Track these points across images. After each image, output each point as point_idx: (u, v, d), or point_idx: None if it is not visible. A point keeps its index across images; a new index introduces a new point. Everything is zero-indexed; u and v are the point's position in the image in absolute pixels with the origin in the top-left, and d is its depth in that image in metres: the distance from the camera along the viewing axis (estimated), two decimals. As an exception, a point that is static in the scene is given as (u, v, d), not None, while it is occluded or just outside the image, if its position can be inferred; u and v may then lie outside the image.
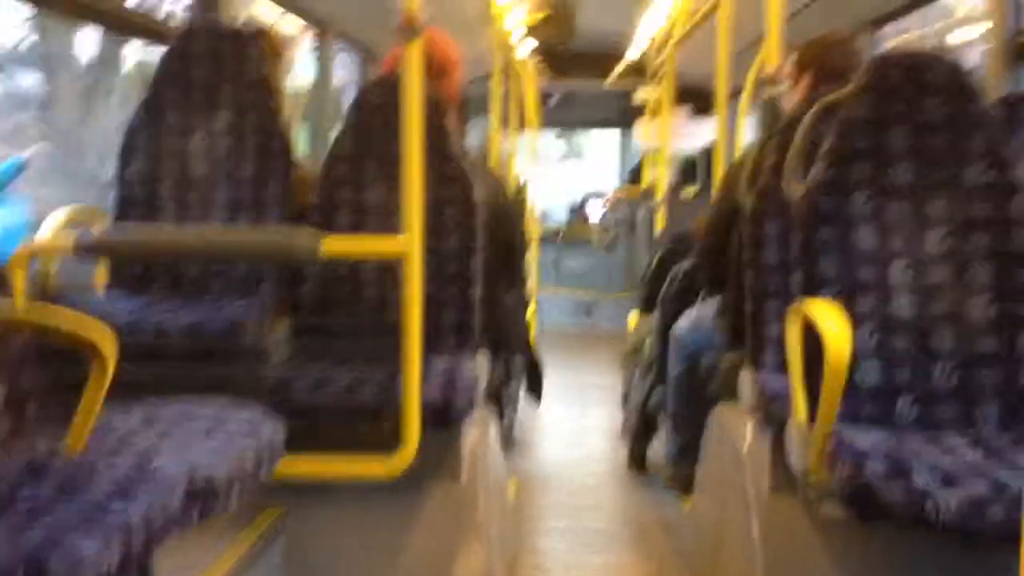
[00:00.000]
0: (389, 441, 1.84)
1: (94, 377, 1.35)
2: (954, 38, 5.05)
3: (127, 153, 2.37)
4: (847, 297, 1.84)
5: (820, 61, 2.63)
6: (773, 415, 1.99)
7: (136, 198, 2.36)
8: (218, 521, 1.42)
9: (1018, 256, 1.83)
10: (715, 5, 3.85)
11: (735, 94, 5.36)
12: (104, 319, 1.43)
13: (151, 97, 2.40)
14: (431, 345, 2.17)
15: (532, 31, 5.80)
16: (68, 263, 2.25)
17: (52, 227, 2.20)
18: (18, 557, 1.02)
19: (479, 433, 2.23)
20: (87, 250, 1.86)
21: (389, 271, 2.27)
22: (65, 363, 1.44)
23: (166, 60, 2.41)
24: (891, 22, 4.51)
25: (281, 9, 4.25)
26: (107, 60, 5.17)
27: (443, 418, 1.98)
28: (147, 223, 2.33)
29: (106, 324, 1.36)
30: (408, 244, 1.81)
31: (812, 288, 1.86)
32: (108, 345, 1.32)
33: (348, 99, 3.08)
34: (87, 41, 4.76)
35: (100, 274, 2.39)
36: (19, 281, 1.83)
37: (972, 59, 4.36)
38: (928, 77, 1.91)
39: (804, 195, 1.92)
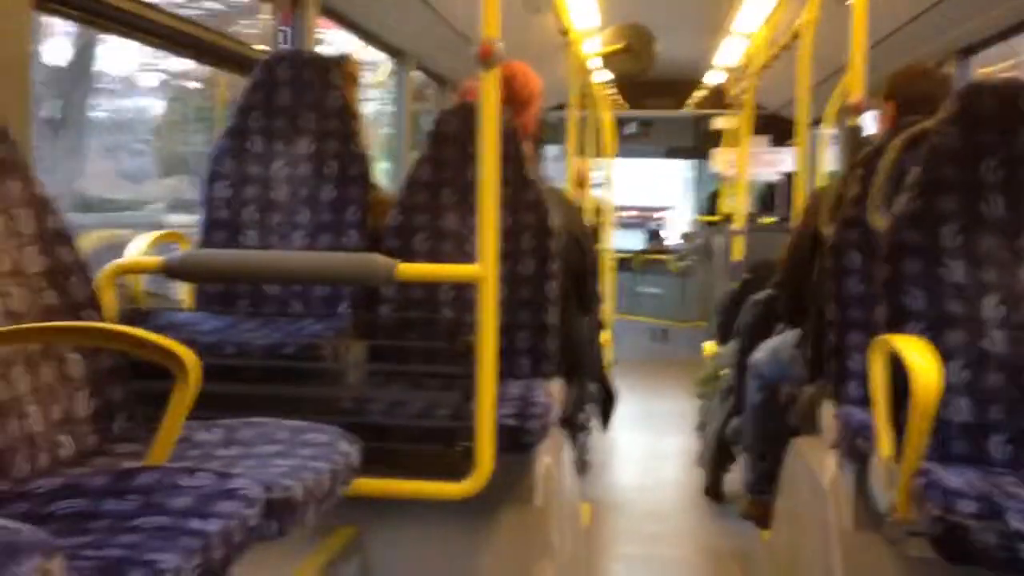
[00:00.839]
0: (463, 463, 1.84)
1: (178, 393, 1.38)
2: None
3: (213, 178, 2.44)
4: (936, 331, 1.78)
5: (904, 90, 2.58)
6: (856, 450, 1.93)
7: (220, 221, 2.42)
8: (295, 538, 1.43)
9: None
10: (795, 34, 3.80)
11: (815, 123, 5.29)
12: (188, 337, 1.46)
13: (236, 123, 2.47)
14: (506, 369, 2.17)
15: (609, 62, 5.81)
16: (156, 282, 2.32)
17: (140, 248, 2.27)
18: (99, 570, 1.04)
19: (552, 457, 2.22)
20: (174, 270, 1.91)
21: (465, 295, 2.29)
22: (152, 379, 1.48)
23: (250, 88, 2.48)
24: (979, 51, 4.40)
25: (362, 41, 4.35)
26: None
27: (517, 442, 1.98)
28: (231, 245, 2.39)
29: (189, 342, 1.40)
30: (483, 270, 1.82)
31: (898, 321, 1.81)
32: (192, 363, 1.35)
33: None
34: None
35: (185, 293, 2.45)
36: (109, 299, 1.89)
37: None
38: (1021, 106, 1.85)
39: (890, 226, 1.87)
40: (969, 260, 1.81)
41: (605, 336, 4.39)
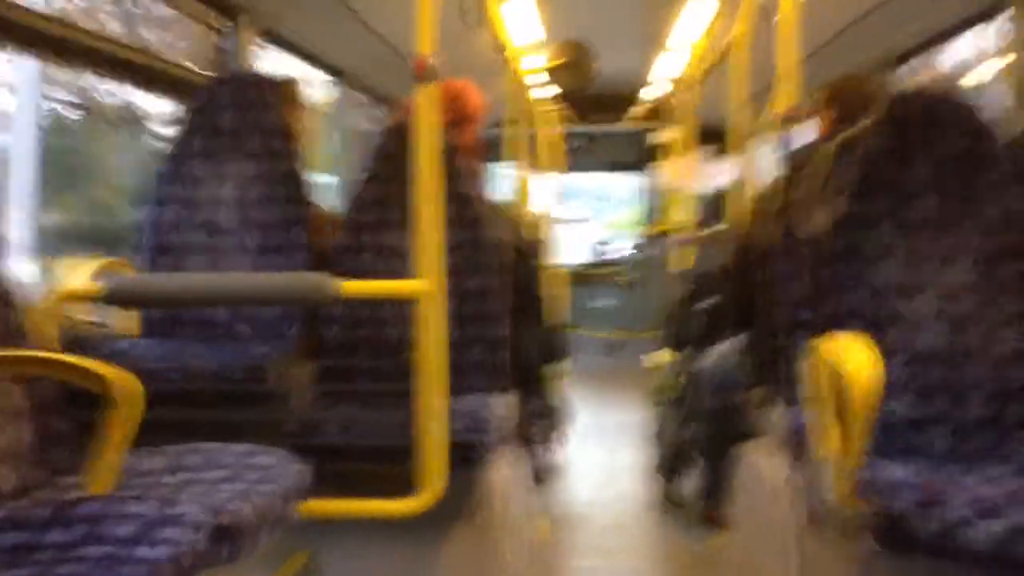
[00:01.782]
0: (415, 481, 1.83)
1: (119, 421, 1.35)
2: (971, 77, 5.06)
3: (154, 202, 2.41)
4: (875, 330, 1.82)
5: (841, 99, 2.64)
6: (804, 450, 1.96)
7: (165, 246, 2.39)
8: (246, 563, 1.41)
9: None
10: (729, 48, 3.87)
11: (751, 135, 5.37)
12: (131, 363, 1.44)
13: (177, 148, 2.44)
14: (458, 385, 2.17)
15: (551, 76, 5.86)
16: (96, 310, 2.28)
17: (80, 275, 2.23)
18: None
19: (506, 472, 2.22)
20: (115, 297, 1.88)
21: (410, 313, 2.28)
22: (93, 408, 1.45)
23: (192, 110, 2.46)
24: (905, 62, 4.52)
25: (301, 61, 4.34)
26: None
27: (469, 458, 1.98)
28: (175, 270, 2.36)
29: (133, 368, 1.37)
30: (425, 286, 1.82)
31: (839, 322, 1.84)
32: (129, 388, 1.33)
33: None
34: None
35: (128, 319, 2.41)
36: (49, 327, 1.86)
37: (991, 97, 4.35)
38: (946, 111, 1.91)
39: (827, 229, 1.91)
40: (903, 259, 1.86)
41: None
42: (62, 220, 3.48)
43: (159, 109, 3.46)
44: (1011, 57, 3.34)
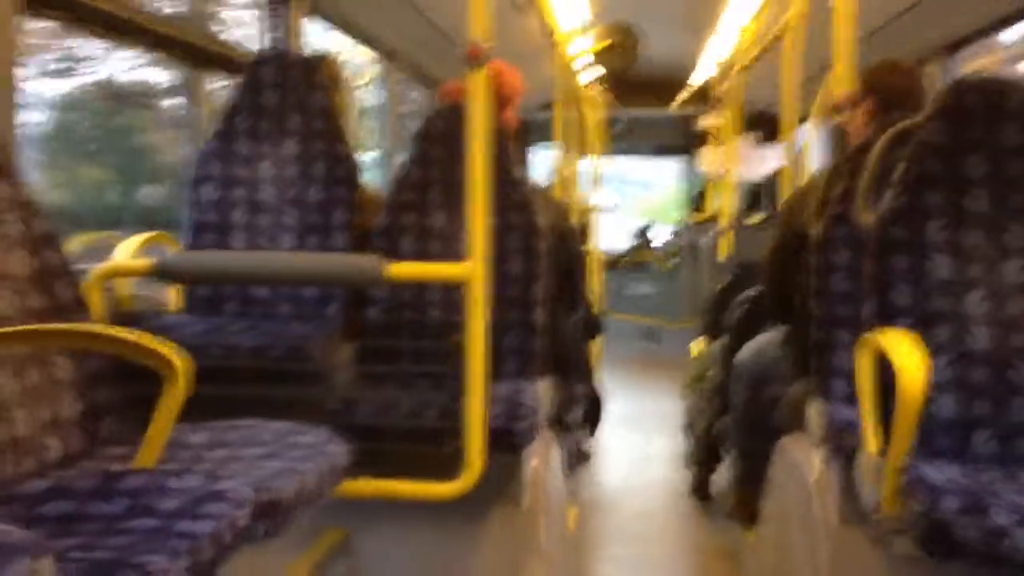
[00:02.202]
0: (452, 464, 1.84)
1: (166, 396, 1.38)
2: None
3: (199, 180, 2.43)
4: (922, 327, 1.79)
5: (883, 87, 2.59)
6: (843, 446, 1.94)
7: (208, 223, 2.41)
8: (284, 540, 1.43)
9: None
10: (782, 32, 3.82)
11: (802, 121, 5.31)
12: (177, 340, 1.46)
13: (222, 126, 2.46)
14: (494, 369, 2.17)
15: (596, 59, 5.82)
16: (143, 285, 2.31)
17: (127, 251, 2.27)
18: (89, 572, 1.04)
19: (541, 458, 2.23)
20: (164, 273, 1.91)
21: (453, 296, 2.29)
22: (140, 382, 1.48)
23: (237, 90, 2.48)
24: (963, 48, 4.43)
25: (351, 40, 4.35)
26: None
27: (505, 443, 1.98)
28: (218, 247, 2.38)
29: (179, 344, 1.39)
30: (472, 269, 1.82)
31: (884, 318, 1.82)
32: (181, 365, 1.35)
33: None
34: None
35: (173, 295, 2.44)
36: (96, 301, 1.89)
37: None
38: (1006, 102, 1.86)
39: (876, 223, 1.88)
40: (955, 256, 1.82)
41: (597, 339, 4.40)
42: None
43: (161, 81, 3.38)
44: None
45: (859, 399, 1.75)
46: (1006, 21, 4.01)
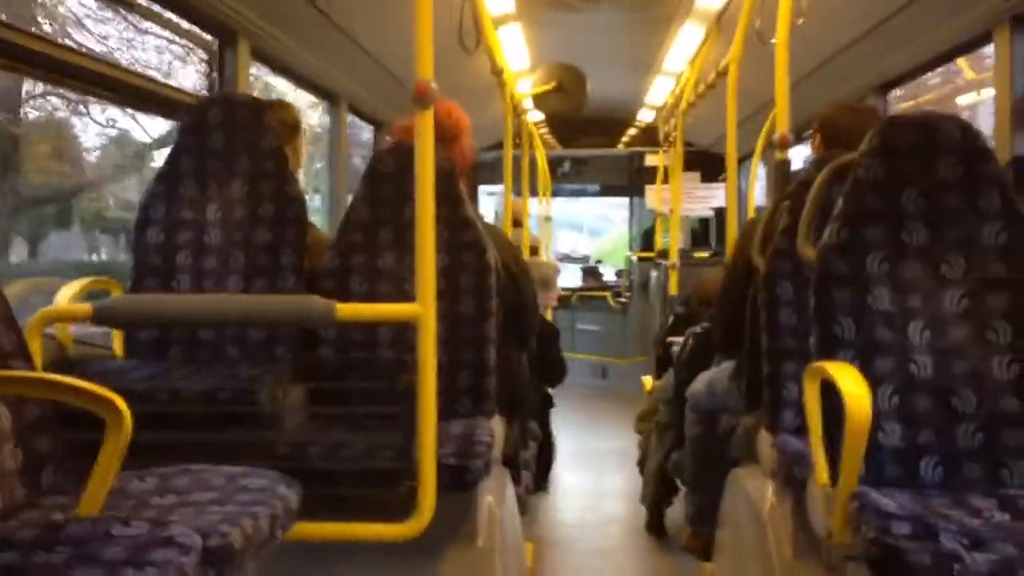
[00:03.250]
0: (405, 505, 1.82)
1: (109, 442, 1.34)
2: (962, 101, 5.12)
3: (144, 223, 2.40)
4: (865, 358, 1.82)
5: (829, 125, 2.67)
6: (794, 477, 1.96)
7: (152, 267, 2.38)
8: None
9: None
10: (723, 72, 3.91)
11: (745, 158, 5.42)
12: (120, 384, 1.43)
13: (168, 168, 2.43)
14: (447, 409, 2.16)
15: (541, 101, 5.89)
16: (86, 330, 2.27)
17: (68, 295, 2.22)
18: (32, 625, 1.01)
19: (495, 496, 2.21)
20: (105, 317, 1.87)
21: (404, 335, 2.28)
22: (82, 428, 1.44)
23: (182, 131, 2.45)
24: (897, 87, 4.58)
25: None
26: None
27: (459, 481, 1.97)
28: (163, 291, 2.35)
29: (122, 389, 1.37)
30: (422, 309, 1.82)
31: (829, 349, 1.85)
32: (122, 410, 1.32)
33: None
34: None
35: (117, 341, 2.40)
36: (36, 347, 1.84)
37: (980, 122, 4.41)
38: (939, 138, 1.92)
39: (818, 257, 1.92)
40: (894, 288, 1.86)
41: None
42: None
43: None
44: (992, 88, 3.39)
45: (808, 430, 1.77)
46: (934, 63, 4.16)
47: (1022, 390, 1.79)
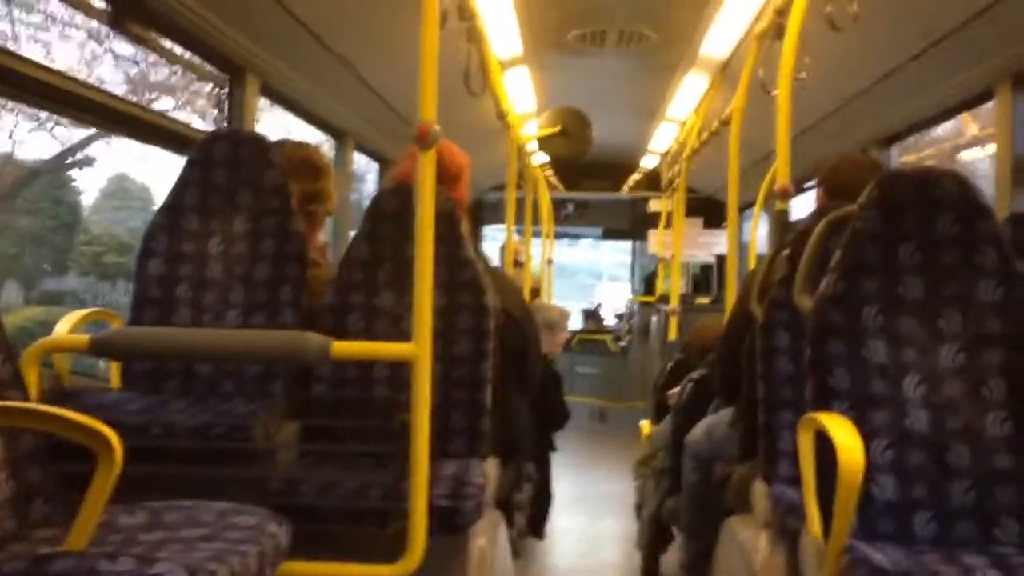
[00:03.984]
0: (396, 545, 1.81)
1: (99, 475, 1.34)
2: (964, 157, 5.16)
3: (146, 255, 2.41)
4: (860, 410, 1.82)
5: (830, 177, 2.69)
6: (787, 528, 1.95)
7: (152, 299, 2.39)
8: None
9: None
10: (726, 120, 3.94)
11: (747, 206, 5.45)
12: (114, 417, 1.43)
13: (171, 200, 2.45)
14: (440, 449, 2.16)
15: (545, 145, 5.95)
16: (84, 361, 2.27)
17: (66, 326, 2.23)
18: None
19: (487, 539, 2.20)
20: (101, 349, 1.88)
21: (400, 374, 2.28)
22: (74, 460, 1.44)
23: (188, 165, 2.48)
24: (899, 141, 4.61)
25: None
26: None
27: (451, 523, 1.96)
28: (162, 323, 2.35)
29: (116, 422, 1.37)
30: (418, 349, 1.82)
31: (824, 401, 1.85)
32: (113, 443, 1.32)
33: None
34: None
35: (114, 372, 2.40)
36: (33, 377, 1.85)
37: (981, 178, 4.44)
38: (938, 193, 1.93)
39: (815, 308, 1.92)
40: (890, 341, 1.87)
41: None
42: None
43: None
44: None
45: (802, 481, 1.76)
46: (937, 118, 4.19)
47: (1016, 447, 1.79)
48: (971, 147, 5.07)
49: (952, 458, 1.79)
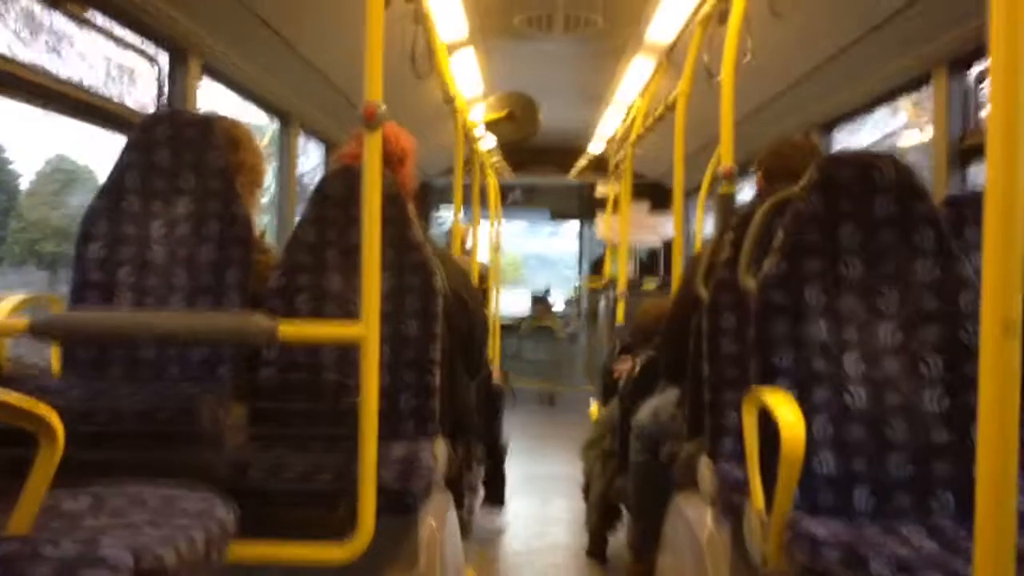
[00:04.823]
0: (345, 527, 1.81)
1: (41, 459, 1.32)
2: (902, 142, 5.27)
3: (86, 238, 2.36)
4: (802, 388, 1.86)
5: (769, 161, 2.73)
6: (732, 504, 1.99)
7: (93, 282, 2.34)
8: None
9: (967, 349, 1.87)
10: (672, 105, 3.98)
11: (693, 190, 5.51)
12: (57, 401, 1.41)
13: (112, 183, 2.40)
14: (389, 430, 2.16)
15: (493, 129, 5.94)
16: (24, 346, 2.22)
17: (4, 310, 2.18)
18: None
19: (437, 519, 2.21)
20: (41, 332, 1.84)
21: (347, 357, 2.27)
22: (14, 445, 1.42)
23: (128, 147, 2.43)
24: (839, 125, 4.70)
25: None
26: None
27: (400, 504, 1.96)
28: (104, 307, 2.31)
29: (60, 407, 1.34)
30: (365, 330, 1.81)
31: (768, 379, 1.88)
32: (54, 426, 1.30)
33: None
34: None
35: (55, 358, 2.35)
36: None
37: (918, 162, 4.54)
38: (876, 176, 1.98)
39: (758, 288, 1.96)
40: (832, 319, 1.91)
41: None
42: None
43: None
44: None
45: (746, 457, 1.80)
46: (876, 102, 4.28)
47: (952, 422, 1.84)
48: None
49: (890, 433, 1.84)
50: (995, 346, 1.04)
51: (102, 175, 2.50)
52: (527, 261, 15.99)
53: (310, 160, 5.56)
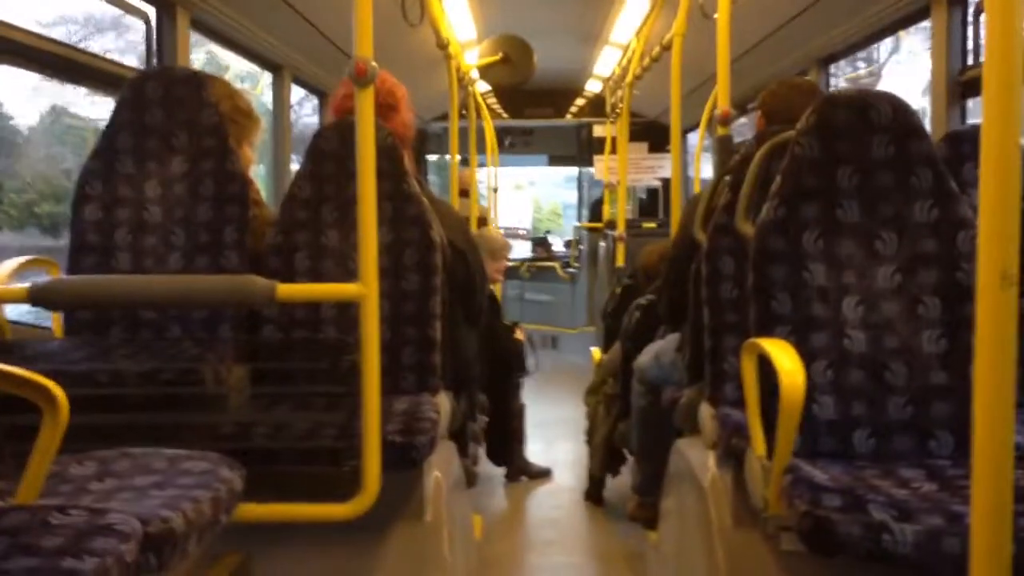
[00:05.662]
0: (351, 483, 1.83)
1: (46, 426, 1.33)
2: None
3: (81, 201, 2.35)
4: (801, 333, 1.87)
5: (768, 102, 2.70)
6: (733, 449, 2.00)
7: (91, 245, 2.33)
8: (178, 569, 1.40)
9: (965, 290, 1.87)
10: (668, 45, 3.92)
11: (691, 129, 5.47)
12: (60, 366, 1.42)
13: (104, 144, 2.38)
14: (392, 386, 2.17)
15: (487, 73, 5.87)
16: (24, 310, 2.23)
17: (4, 274, 2.18)
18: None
19: (442, 472, 2.23)
20: (41, 299, 1.84)
21: (348, 313, 2.27)
22: (19, 412, 1.42)
23: (119, 107, 2.40)
24: (836, 61, 4.64)
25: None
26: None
27: (404, 458, 1.98)
28: (102, 269, 2.31)
29: (61, 372, 1.35)
30: (364, 288, 1.81)
31: (767, 324, 1.88)
32: (58, 394, 1.31)
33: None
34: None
35: (56, 320, 2.36)
36: None
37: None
38: (873, 116, 1.95)
39: (756, 233, 1.95)
40: (830, 264, 1.91)
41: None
42: None
43: None
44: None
45: (746, 403, 1.81)
46: (875, 37, 4.22)
47: (950, 363, 1.85)
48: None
49: (889, 376, 1.85)
50: (992, 296, 1.04)
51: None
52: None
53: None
